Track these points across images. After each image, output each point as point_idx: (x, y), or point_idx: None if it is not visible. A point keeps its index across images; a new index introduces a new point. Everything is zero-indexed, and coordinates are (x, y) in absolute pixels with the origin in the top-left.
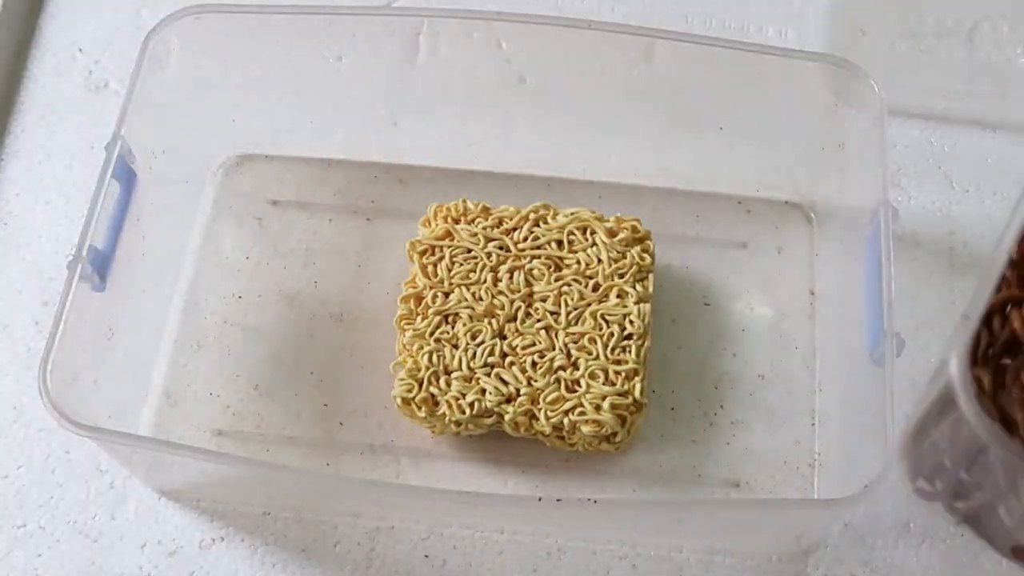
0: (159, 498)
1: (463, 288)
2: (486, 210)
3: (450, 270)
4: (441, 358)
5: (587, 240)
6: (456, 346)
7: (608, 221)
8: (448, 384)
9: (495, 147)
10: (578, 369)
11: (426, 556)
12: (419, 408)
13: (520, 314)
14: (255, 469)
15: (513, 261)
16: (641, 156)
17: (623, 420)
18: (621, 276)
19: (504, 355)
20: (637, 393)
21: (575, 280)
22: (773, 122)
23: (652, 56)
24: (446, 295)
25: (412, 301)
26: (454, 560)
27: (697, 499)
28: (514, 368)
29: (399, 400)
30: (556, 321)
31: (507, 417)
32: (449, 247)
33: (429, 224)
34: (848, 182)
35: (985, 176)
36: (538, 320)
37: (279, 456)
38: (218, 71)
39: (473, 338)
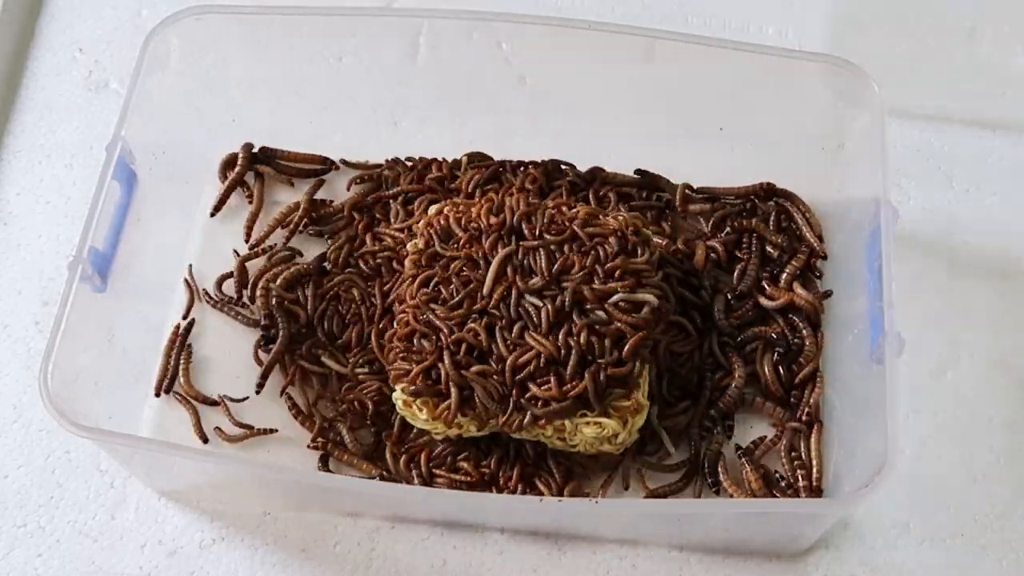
0: (159, 498)
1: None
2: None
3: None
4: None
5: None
6: None
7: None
8: None
9: (495, 147)
10: None
11: (426, 556)
12: (420, 410)
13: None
14: (255, 470)
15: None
16: (641, 156)
17: (624, 422)
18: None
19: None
20: (641, 396)
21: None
22: (773, 122)
23: (652, 56)
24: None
25: None
26: (454, 560)
27: (697, 500)
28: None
29: (400, 402)
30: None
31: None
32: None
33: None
34: (848, 182)
35: (985, 176)
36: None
37: (279, 457)
38: (218, 71)
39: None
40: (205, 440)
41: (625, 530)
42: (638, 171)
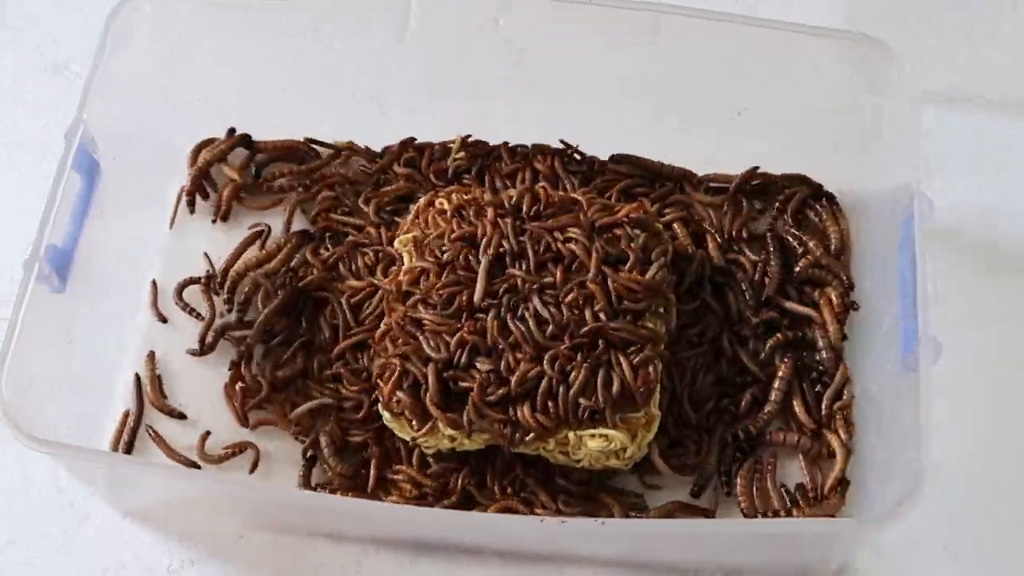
0: (123, 518)
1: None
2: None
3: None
4: None
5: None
6: None
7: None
8: None
9: (492, 132)
10: None
11: None
12: (409, 423)
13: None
14: (229, 488)
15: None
16: (649, 143)
17: (634, 435)
18: None
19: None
20: (652, 406)
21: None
22: (792, 105)
23: (658, 31)
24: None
25: None
26: None
27: (712, 520)
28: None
29: (388, 414)
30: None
31: None
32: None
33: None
34: (879, 172)
35: None
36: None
37: (256, 474)
38: (187, 52)
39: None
40: (192, 465)
41: (632, 551)
42: (615, 156)
